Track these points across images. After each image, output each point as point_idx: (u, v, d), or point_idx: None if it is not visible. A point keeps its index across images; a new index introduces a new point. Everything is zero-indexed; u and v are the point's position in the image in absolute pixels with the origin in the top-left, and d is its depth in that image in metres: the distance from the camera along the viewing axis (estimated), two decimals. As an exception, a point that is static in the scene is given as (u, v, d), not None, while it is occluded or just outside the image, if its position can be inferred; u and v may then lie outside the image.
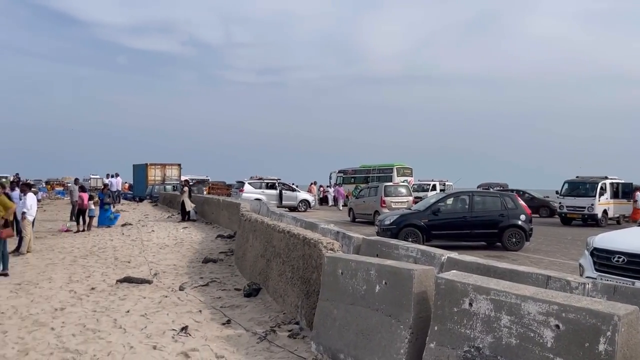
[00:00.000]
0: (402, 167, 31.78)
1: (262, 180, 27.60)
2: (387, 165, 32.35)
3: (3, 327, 5.88)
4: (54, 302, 7.11)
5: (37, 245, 12.62)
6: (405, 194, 21.15)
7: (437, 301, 3.78)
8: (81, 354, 4.94)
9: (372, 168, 33.69)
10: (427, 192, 29.83)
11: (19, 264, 10.34)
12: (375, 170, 32.99)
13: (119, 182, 31.23)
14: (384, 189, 20.73)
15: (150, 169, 37.06)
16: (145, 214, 23.74)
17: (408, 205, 19.17)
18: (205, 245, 12.97)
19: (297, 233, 6.48)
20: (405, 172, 31.43)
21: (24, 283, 8.43)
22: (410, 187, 24.47)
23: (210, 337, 5.45)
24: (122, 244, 13.35)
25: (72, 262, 10.56)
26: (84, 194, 16.54)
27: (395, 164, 31.71)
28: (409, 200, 20.56)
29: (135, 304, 6.97)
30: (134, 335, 5.57)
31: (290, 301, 6.25)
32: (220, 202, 19.11)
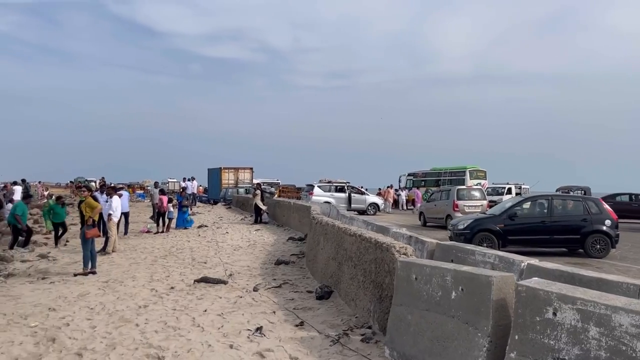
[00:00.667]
0: (476, 169, 30.86)
1: (331, 183, 27.72)
2: (459, 167, 31.53)
3: (92, 322, 6.27)
4: (137, 299, 7.50)
5: (121, 245, 13.36)
6: (479, 198, 20.51)
7: (518, 309, 3.63)
8: (163, 350, 5.17)
9: (443, 171, 32.95)
10: (501, 196, 28.75)
11: (106, 262, 10.99)
12: (447, 173, 32.24)
13: (194, 185, 32.49)
14: (457, 192, 20.21)
15: (224, 173, 38.25)
16: (219, 216, 24.52)
17: (482, 209, 18.57)
18: (277, 247, 13.20)
19: (369, 237, 6.45)
20: (478, 175, 30.50)
21: (110, 281, 8.95)
22: (484, 190, 23.69)
23: (284, 339, 5.53)
24: (199, 245, 13.86)
25: (153, 262, 11.09)
26: (163, 196, 17.33)
27: (468, 167, 30.84)
28: (483, 204, 19.91)
29: (212, 303, 7.20)
30: (212, 333, 5.75)
31: (363, 305, 6.23)
32: (291, 205, 19.39)
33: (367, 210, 26.69)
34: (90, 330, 5.94)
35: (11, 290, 8.18)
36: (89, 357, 5.00)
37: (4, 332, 5.85)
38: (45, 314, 6.66)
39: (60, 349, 5.27)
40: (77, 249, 12.57)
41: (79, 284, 8.70)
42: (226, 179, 38.14)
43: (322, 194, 26.29)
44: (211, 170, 41.16)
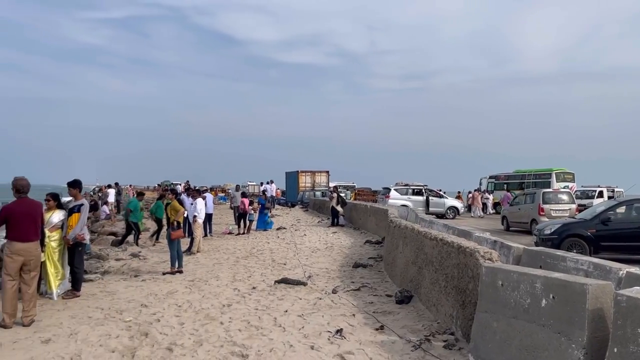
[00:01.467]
0: (563, 172, 29.26)
1: (408, 186, 27.33)
2: (544, 170, 30.04)
3: (180, 319, 6.57)
4: (221, 298, 7.77)
5: (205, 246, 13.91)
6: (567, 201, 19.42)
7: (617, 320, 3.39)
8: (247, 349, 5.32)
9: (527, 173, 31.52)
10: (592, 200, 27.07)
11: (191, 262, 11.49)
12: (531, 176, 30.81)
13: (273, 188, 33.27)
14: (543, 195, 19.25)
15: (301, 176, 38.85)
16: (297, 219, 24.90)
17: (571, 213, 17.56)
18: (355, 250, 13.20)
19: (451, 241, 6.29)
20: (566, 178, 28.91)
21: (195, 280, 9.34)
22: (573, 193, 22.40)
23: (365, 342, 5.51)
24: (278, 246, 14.15)
25: (235, 262, 11.45)
26: (244, 199, 17.87)
27: (554, 169, 29.31)
28: (572, 208, 18.83)
29: (292, 304, 7.32)
30: (293, 334, 5.85)
31: (445, 311, 6.08)
32: (368, 208, 19.32)
33: (446, 214, 26.06)
34: (178, 326, 6.23)
35: (107, 287, 8.75)
36: (178, 352, 5.24)
37: (102, 326, 6.26)
38: (138, 310, 7.07)
39: (153, 343, 5.57)
40: (164, 248, 13.26)
41: (167, 282, 9.15)
42: (303, 182, 38.72)
43: (399, 197, 25.99)
44: (289, 174, 41.94)
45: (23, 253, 6.37)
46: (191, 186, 26.21)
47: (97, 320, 6.54)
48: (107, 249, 13.80)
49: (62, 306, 7.34)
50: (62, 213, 8.00)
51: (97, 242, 15.52)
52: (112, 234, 17.79)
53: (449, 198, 27.93)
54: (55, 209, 7.99)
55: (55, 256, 7.83)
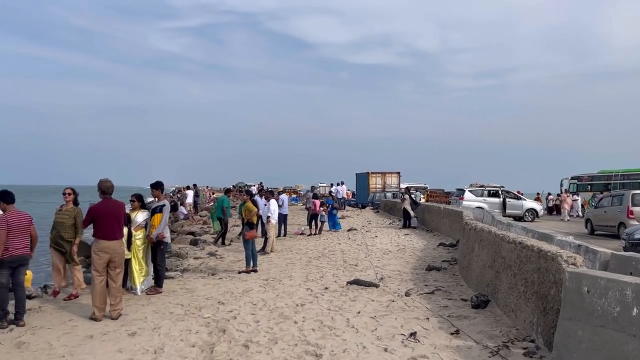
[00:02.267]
0: (655, 172, 27.22)
1: (484, 187, 26.45)
2: (634, 170, 28.07)
3: (256, 317, 6.74)
4: (295, 298, 7.89)
5: (278, 246, 14.18)
6: (659, 204, 18.01)
7: None
8: (320, 348, 5.36)
9: (614, 174, 29.59)
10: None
11: (265, 261, 11.75)
12: (619, 177, 28.89)
13: (343, 189, 33.38)
14: (632, 197, 17.98)
15: (372, 177, 38.68)
16: (368, 220, 24.82)
17: (663, 216, 16.30)
18: (427, 253, 12.97)
19: (531, 244, 6.02)
20: (658, 178, 26.85)
21: (269, 279, 9.54)
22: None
23: (439, 346, 5.40)
24: (349, 247, 14.17)
25: (307, 262, 11.59)
26: (316, 200, 18.05)
27: (646, 169, 27.33)
28: (665, 211, 17.44)
29: (365, 305, 7.30)
30: (366, 335, 5.83)
31: (524, 317, 5.84)
32: (441, 210, 18.93)
33: (525, 217, 24.99)
34: (254, 324, 6.39)
35: (187, 284, 9.13)
36: (254, 349, 5.38)
37: (183, 322, 6.55)
38: (216, 307, 7.32)
39: (230, 339, 5.75)
40: (239, 248, 13.65)
41: (242, 281, 9.42)
42: (374, 184, 38.53)
43: (474, 198, 25.22)
44: (359, 175, 41.89)
45: (108, 250, 6.79)
46: (264, 188, 26.79)
47: (178, 315, 6.85)
48: (186, 248, 14.41)
49: (146, 301, 7.75)
50: (145, 213, 8.44)
51: (176, 241, 16.22)
52: (190, 233, 18.55)
53: (527, 200, 26.77)
54: (139, 209, 8.44)
55: (140, 254, 8.28)
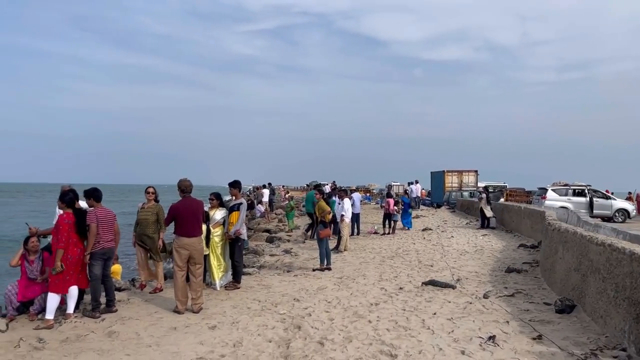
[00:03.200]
0: None
1: (568, 186, 25.05)
2: None
3: (330, 315, 6.79)
4: (369, 297, 7.87)
5: (352, 245, 14.20)
6: None
7: None
8: (395, 348, 5.31)
9: None
10: None
11: (339, 260, 11.81)
12: None
13: (418, 188, 32.84)
14: None
15: (447, 176, 37.77)
16: (443, 220, 24.28)
17: None
18: (507, 254, 12.49)
19: (622, 247, 5.63)
20: None
21: (343, 277, 9.58)
22: None
23: (520, 351, 5.18)
24: (424, 247, 13.93)
25: (381, 262, 11.52)
26: (390, 199, 17.90)
27: None
28: None
29: (441, 307, 7.15)
30: (442, 337, 5.71)
31: (614, 324, 5.47)
32: (521, 209, 18.15)
33: (614, 217, 23.43)
34: (329, 322, 6.44)
35: (263, 280, 9.36)
36: (329, 347, 5.42)
37: (260, 317, 6.72)
38: (291, 304, 7.45)
39: (305, 336, 5.83)
40: (313, 246, 13.81)
41: (317, 279, 9.52)
42: (449, 182, 37.61)
43: (557, 198, 23.95)
44: (434, 174, 41.05)
45: (188, 247, 7.09)
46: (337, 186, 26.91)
47: (255, 311, 7.04)
48: (263, 245, 14.79)
49: (225, 296, 8.02)
50: (223, 211, 8.74)
51: (253, 239, 16.68)
52: (266, 231, 19.01)
53: (617, 199, 25.07)
54: (217, 207, 8.75)
55: (218, 250, 8.58)
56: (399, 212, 18.30)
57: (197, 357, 5.14)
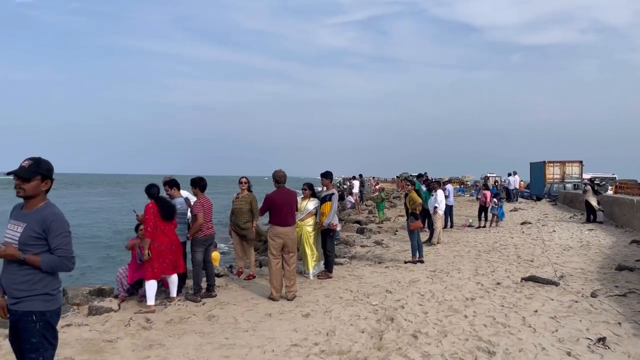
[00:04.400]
0: None
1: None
2: None
3: (424, 308, 6.65)
4: (464, 291, 7.61)
5: (445, 238, 13.83)
6: None
7: None
8: (494, 346, 5.09)
9: None
10: None
11: (431, 253, 11.55)
12: None
13: (516, 180, 31.30)
14: None
15: (549, 167, 35.65)
16: (544, 213, 22.96)
17: None
18: (617, 251, 11.54)
19: None
20: None
21: (437, 271, 9.35)
22: None
23: (635, 355, 4.76)
24: (523, 242, 13.25)
25: (477, 256, 11.10)
26: (486, 191, 17.22)
27: None
28: None
29: (543, 304, 6.75)
30: (544, 336, 5.38)
31: None
32: (634, 203, 16.69)
33: None
34: (422, 315, 6.31)
35: (355, 271, 9.38)
36: (423, 340, 5.30)
37: (352, 307, 6.73)
38: (383, 295, 7.39)
39: (398, 328, 5.75)
40: (405, 238, 13.62)
41: (409, 271, 9.37)
42: (551, 174, 35.48)
43: (676, 190, 21.79)
44: (534, 165, 38.90)
45: (282, 236, 7.24)
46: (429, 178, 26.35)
47: (347, 301, 7.06)
48: (354, 236, 14.82)
49: (317, 285, 8.13)
50: (315, 201, 8.84)
51: (344, 229, 16.76)
52: (357, 222, 19.02)
53: None
54: (310, 197, 8.87)
55: (311, 239, 8.71)
56: (500, 205, 17.54)
57: (291, 344, 5.25)
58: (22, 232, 3.06)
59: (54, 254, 3.05)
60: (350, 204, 25.42)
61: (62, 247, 3.06)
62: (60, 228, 3.08)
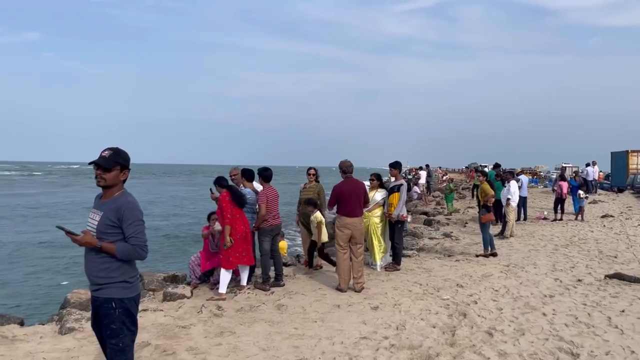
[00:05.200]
0: None
1: None
2: None
3: (498, 304, 6.36)
4: (541, 287, 7.23)
5: (518, 231, 13.24)
6: None
7: None
8: (577, 347, 4.77)
9: None
10: None
11: (504, 246, 11.08)
12: None
13: (595, 170, 29.54)
14: None
15: (632, 157, 33.34)
16: (627, 206, 21.49)
17: None
18: None
19: None
20: None
21: (510, 265, 8.95)
22: None
23: None
24: (605, 236, 12.45)
25: (554, 250, 10.54)
26: (563, 182, 16.33)
27: None
28: None
29: (631, 304, 6.28)
30: (634, 339, 4.99)
31: None
32: None
33: None
34: (497, 311, 6.04)
35: (423, 264, 9.15)
36: (498, 338, 5.06)
37: (422, 301, 6.55)
38: (454, 289, 7.15)
39: (471, 325, 5.52)
40: (475, 230, 13.18)
41: (481, 265, 9.03)
42: (634, 164, 33.19)
43: None
44: (615, 154, 36.54)
45: (350, 227, 7.15)
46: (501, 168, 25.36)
47: (417, 294, 6.88)
48: (421, 228, 14.51)
49: (385, 277, 8.00)
50: (383, 192, 8.68)
51: (411, 221, 16.47)
52: (424, 213, 18.66)
53: None
54: (377, 188, 8.72)
55: (379, 231, 8.56)
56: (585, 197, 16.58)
57: (360, 337, 5.17)
58: (100, 220, 3.14)
59: (128, 242, 3.12)
60: (417, 195, 24.97)
61: (135, 236, 3.12)
62: (133, 216, 3.14)
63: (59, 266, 13.12)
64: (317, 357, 4.62)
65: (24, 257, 14.95)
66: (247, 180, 7.57)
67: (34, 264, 13.46)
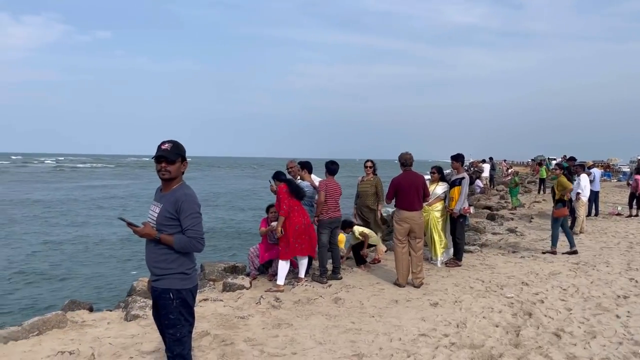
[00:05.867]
0: None
1: None
2: None
3: (566, 304, 6.04)
4: (614, 287, 6.81)
5: (589, 227, 12.57)
6: None
7: None
8: (655, 353, 4.44)
9: None
10: None
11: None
12: None
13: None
14: None
15: None
16: None
17: None
18: None
19: None
20: None
21: (580, 263, 8.49)
22: None
23: None
24: (686, 234, 11.59)
25: (629, 248, 9.93)
26: (638, 176, 15.34)
27: None
28: None
29: None
30: None
31: None
32: None
33: None
34: (565, 311, 5.73)
35: (486, 260, 8.85)
36: (567, 340, 4.79)
37: (484, 298, 6.33)
38: (519, 287, 6.85)
39: (537, 325, 5.27)
40: (542, 226, 12.63)
41: (548, 262, 8.63)
42: None
43: None
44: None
45: (409, 220, 7.00)
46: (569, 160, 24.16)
47: (479, 292, 6.65)
48: (484, 222, 14.05)
49: (446, 273, 7.79)
50: (444, 185, 8.45)
51: (473, 215, 15.99)
52: (487, 207, 18.07)
53: None
54: (438, 181, 8.50)
55: (439, 225, 8.35)
56: None
57: (419, 333, 5.05)
58: (159, 212, 3.20)
59: (185, 234, 3.16)
60: (480, 188, 24.25)
61: (191, 228, 3.15)
62: (190, 209, 3.17)
63: (130, 256, 13.69)
64: (375, 353, 4.55)
65: (100, 243, 15.71)
66: (306, 171, 7.59)
67: (108, 254, 14.12)
